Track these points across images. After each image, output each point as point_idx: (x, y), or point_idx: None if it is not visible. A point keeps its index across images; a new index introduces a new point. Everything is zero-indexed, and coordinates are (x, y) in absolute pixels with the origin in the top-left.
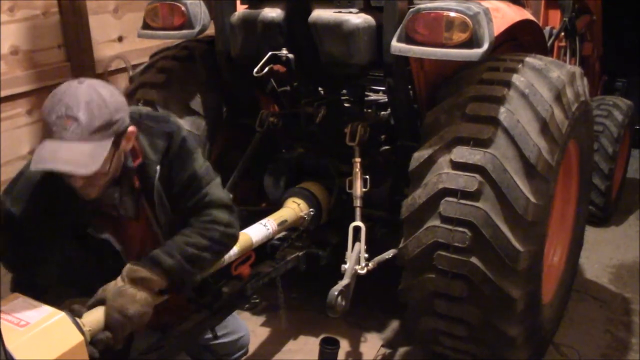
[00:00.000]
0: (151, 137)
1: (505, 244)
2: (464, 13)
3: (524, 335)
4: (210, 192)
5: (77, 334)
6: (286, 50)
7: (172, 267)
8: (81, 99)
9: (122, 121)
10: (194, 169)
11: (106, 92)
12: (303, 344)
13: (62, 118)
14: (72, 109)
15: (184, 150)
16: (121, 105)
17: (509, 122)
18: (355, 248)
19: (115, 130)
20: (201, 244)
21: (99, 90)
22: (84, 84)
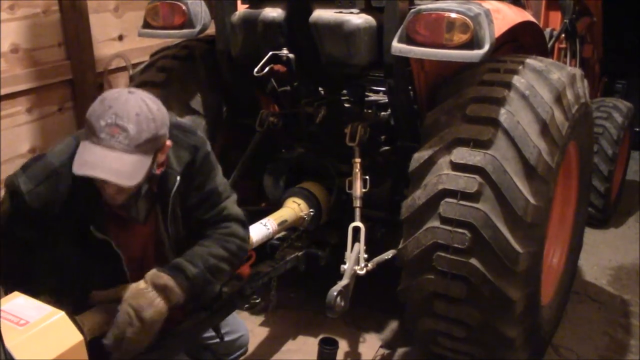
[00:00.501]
0: (177, 148)
1: (504, 246)
2: (465, 14)
3: (523, 337)
4: (229, 207)
5: (77, 333)
6: (287, 50)
7: (196, 276)
8: (131, 110)
9: (165, 136)
10: (214, 184)
11: (154, 106)
12: (302, 344)
13: (112, 126)
14: (123, 119)
15: (206, 165)
16: (166, 119)
17: (509, 123)
18: (355, 248)
19: (157, 144)
20: (221, 255)
21: (148, 103)
22: (134, 94)
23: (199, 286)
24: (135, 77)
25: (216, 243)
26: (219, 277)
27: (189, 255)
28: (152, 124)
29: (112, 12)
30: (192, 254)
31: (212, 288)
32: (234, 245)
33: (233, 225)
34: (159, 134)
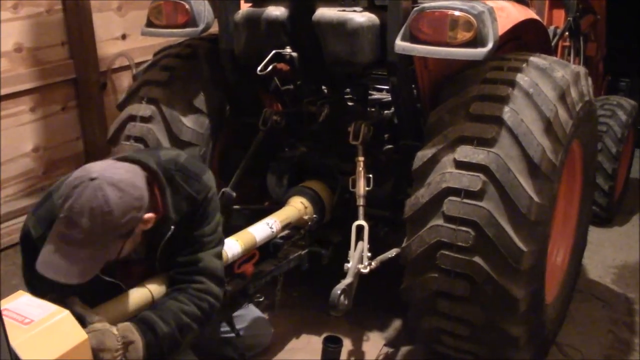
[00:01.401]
0: (178, 197)
1: (508, 244)
2: (469, 12)
3: (527, 335)
4: (205, 260)
5: (81, 332)
6: (290, 49)
7: (166, 335)
8: (86, 204)
9: (132, 220)
10: (202, 232)
11: (116, 194)
12: (306, 343)
13: (67, 219)
14: (76, 213)
15: (202, 214)
16: (131, 204)
17: (513, 121)
18: (358, 247)
19: (121, 233)
20: (194, 314)
21: (107, 193)
22: (95, 182)
23: (165, 346)
24: (139, 76)
25: (190, 300)
26: (186, 336)
27: (161, 311)
28: (108, 217)
29: (116, 11)
30: (165, 310)
31: (178, 348)
32: (207, 304)
33: (208, 282)
34: (118, 224)
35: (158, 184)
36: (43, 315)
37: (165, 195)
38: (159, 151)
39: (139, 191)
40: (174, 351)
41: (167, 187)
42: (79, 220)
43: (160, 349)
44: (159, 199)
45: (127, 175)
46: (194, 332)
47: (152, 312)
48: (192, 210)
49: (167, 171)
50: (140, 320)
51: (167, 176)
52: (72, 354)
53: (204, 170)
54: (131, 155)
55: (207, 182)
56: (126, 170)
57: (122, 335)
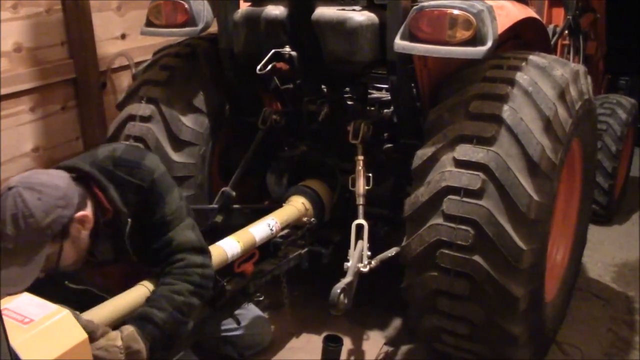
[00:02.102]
0: (123, 190)
1: (508, 243)
2: (468, 11)
3: (527, 334)
4: (176, 237)
5: (81, 332)
6: (289, 48)
7: (165, 321)
8: (7, 212)
9: (59, 219)
10: (162, 214)
11: (33, 196)
12: (306, 342)
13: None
14: (1, 225)
15: (152, 198)
16: (53, 203)
17: (512, 120)
18: (358, 246)
19: (50, 232)
20: (187, 290)
21: (24, 197)
22: (13, 190)
23: (170, 330)
24: (138, 76)
25: (177, 279)
26: (189, 313)
27: (154, 301)
28: (29, 219)
29: (115, 11)
30: (157, 298)
31: (185, 327)
32: (196, 277)
33: (188, 256)
34: (42, 225)
35: (97, 184)
36: (43, 314)
37: (109, 192)
38: (96, 151)
39: (61, 191)
40: (181, 331)
41: (109, 184)
42: (5, 230)
43: (165, 336)
44: (103, 198)
45: (46, 177)
46: (195, 306)
47: (146, 305)
48: (143, 198)
49: (104, 169)
50: (137, 318)
51: (106, 174)
52: (72, 353)
53: (143, 155)
54: (64, 162)
55: (149, 165)
56: (46, 174)
57: (127, 346)
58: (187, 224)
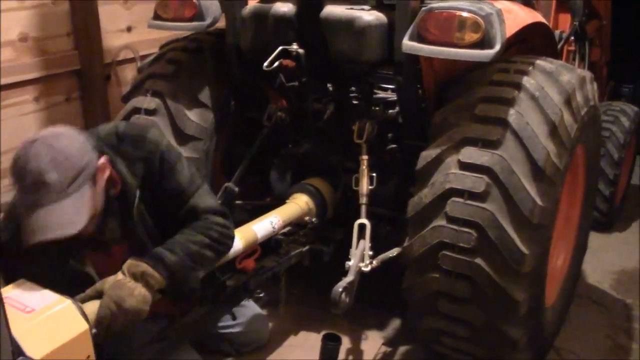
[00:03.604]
0: (129, 163)
1: (510, 246)
2: (477, 13)
3: (526, 338)
4: (198, 203)
5: (83, 322)
6: (296, 45)
7: (175, 263)
8: (43, 160)
9: (91, 161)
10: (177, 183)
11: (63, 142)
12: (304, 340)
13: (35, 185)
14: (39, 174)
15: (163, 169)
16: (83, 146)
17: (518, 124)
18: (360, 245)
19: (87, 174)
20: (203, 242)
21: (53, 143)
22: (38, 141)
23: (179, 272)
24: (144, 69)
25: (196, 230)
26: (201, 263)
27: (168, 244)
28: (68, 161)
29: (122, 3)
30: (171, 242)
31: (195, 275)
32: (215, 233)
33: (210, 217)
34: (81, 165)
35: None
36: (44, 304)
37: (116, 165)
38: (97, 129)
39: (82, 138)
40: (189, 279)
41: (116, 157)
42: (45, 179)
43: (175, 275)
44: (112, 171)
45: (63, 129)
46: (209, 259)
47: (160, 247)
48: (151, 169)
49: (109, 144)
50: (147, 256)
51: (112, 148)
52: (73, 343)
53: (146, 129)
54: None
55: (154, 138)
56: (61, 128)
57: (130, 272)
58: (205, 190)
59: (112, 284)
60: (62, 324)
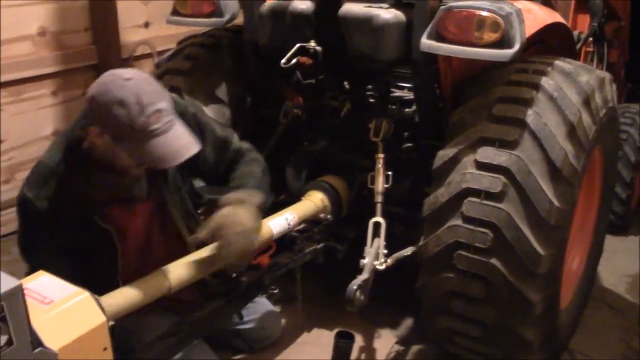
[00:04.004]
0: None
1: (526, 247)
2: (496, 13)
3: (540, 340)
4: (240, 145)
5: (100, 314)
6: (314, 43)
7: (254, 186)
8: (148, 91)
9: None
10: (217, 135)
11: (146, 74)
12: (317, 337)
13: (152, 116)
14: (153, 104)
15: (200, 125)
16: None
17: (536, 124)
18: (375, 244)
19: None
20: (258, 171)
21: (148, 79)
22: (135, 78)
23: (263, 194)
24: (162, 64)
25: (246, 165)
26: (268, 188)
27: (236, 179)
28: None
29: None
30: (238, 177)
31: (269, 198)
32: (262, 163)
33: (251, 153)
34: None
35: None
36: (63, 296)
37: None
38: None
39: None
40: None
41: None
42: (158, 106)
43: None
44: None
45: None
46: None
47: (233, 183)
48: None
49: None
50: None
51: None
52: (91, 335)
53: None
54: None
55: (178, 99)
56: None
57: (231, 201)
58: (236, 136)
59: (221, 216)
60: (80, 316)
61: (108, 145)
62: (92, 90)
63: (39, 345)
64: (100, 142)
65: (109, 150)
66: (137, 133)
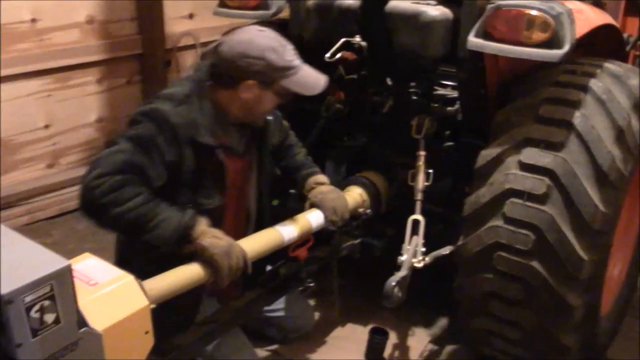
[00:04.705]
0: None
1: (569, 251)
2: (547, 12)
3: (578, 346)
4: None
5: (143, 298)
6: (359, 38)
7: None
8: (278, 35)
9: None
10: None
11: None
12: (351, 332)
13: (292, 54)
14: (288, 44)
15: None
16: None
17: (583, 126)
18: (413, 241)
19: None
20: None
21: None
22: (259, 27)
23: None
24: (207, 55)
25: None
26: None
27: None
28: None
29: None
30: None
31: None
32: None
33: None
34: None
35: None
36: (108, 278)
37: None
38: None
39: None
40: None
41: None
42: (291, 44)
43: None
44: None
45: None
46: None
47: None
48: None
49: None
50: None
51: None
52: (134, 318)
53: None
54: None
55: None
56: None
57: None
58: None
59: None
60: (124, 299)
61: (256, 95)
62: (239, 49)
63: (84, 325)
64: (248, 95)
65: (256, 100)
66: (286, 70)
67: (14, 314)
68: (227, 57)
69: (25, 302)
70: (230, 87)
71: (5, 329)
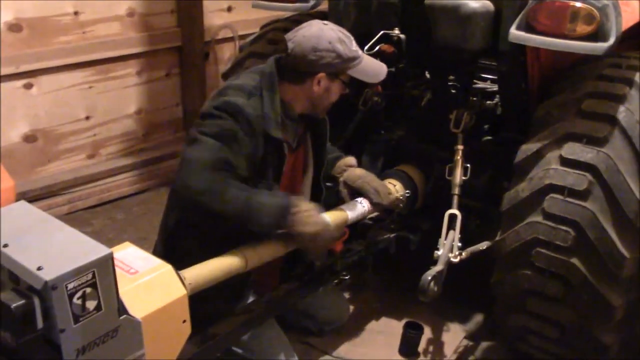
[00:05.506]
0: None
1: (610, 248)
2: (592, 4)
3: (618, 345)
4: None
5: (181, 287)
6: (398, 30)
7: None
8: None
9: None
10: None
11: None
12: (385, 325)
13: (356, 44)
14: (350, 35)
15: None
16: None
17: (627, 122)
18: (450, 236)
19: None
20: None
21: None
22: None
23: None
24: (245, 48)
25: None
26: None
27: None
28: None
29: None
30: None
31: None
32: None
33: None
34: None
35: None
36: (147, 267)
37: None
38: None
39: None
40: None
41: None
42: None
43: None
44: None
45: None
46: None
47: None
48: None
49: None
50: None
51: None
52: (172, 306)
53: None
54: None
55: None
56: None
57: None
58: None
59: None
60: (163, 288)
61: (325, 87)
62: (309, 43)
63: (124, 312)
64: (317, 88)
65: (324, 92)
66: (353, 60)
67: (58, 299)
68: (296, 52)
69: (69, 288)
70: (299, 82)
71: (49, 315)
